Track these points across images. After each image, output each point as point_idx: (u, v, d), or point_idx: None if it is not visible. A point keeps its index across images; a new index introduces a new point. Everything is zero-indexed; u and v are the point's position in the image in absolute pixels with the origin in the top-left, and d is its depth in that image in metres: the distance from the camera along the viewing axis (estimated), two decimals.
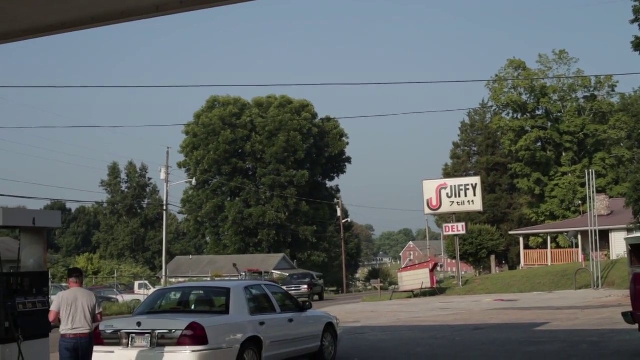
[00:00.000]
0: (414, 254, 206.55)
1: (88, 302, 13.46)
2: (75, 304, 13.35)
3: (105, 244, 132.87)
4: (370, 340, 23.74)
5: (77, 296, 13.47)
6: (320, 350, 17.65)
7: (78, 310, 13.35)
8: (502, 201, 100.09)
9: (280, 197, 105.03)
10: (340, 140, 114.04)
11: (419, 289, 53.74)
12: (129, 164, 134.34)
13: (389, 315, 35.73)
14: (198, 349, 13.71)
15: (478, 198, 57.79)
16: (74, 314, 13.33)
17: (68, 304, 13.31)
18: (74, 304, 13.35)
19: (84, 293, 13.83)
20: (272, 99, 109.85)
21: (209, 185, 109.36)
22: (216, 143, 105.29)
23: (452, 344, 21.60)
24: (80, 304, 13.37)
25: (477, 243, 68.26)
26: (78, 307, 13.37)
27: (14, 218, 16.20)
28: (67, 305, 13.30)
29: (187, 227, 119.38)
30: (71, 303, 13.32)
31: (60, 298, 13.42)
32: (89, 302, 13.47)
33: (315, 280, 66.02)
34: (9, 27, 15.17)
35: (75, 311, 13.33)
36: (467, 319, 30.58)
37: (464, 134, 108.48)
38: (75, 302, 13.36)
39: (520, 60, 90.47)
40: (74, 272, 14.03)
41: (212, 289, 17.47)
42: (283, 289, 19.73)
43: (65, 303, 13.33)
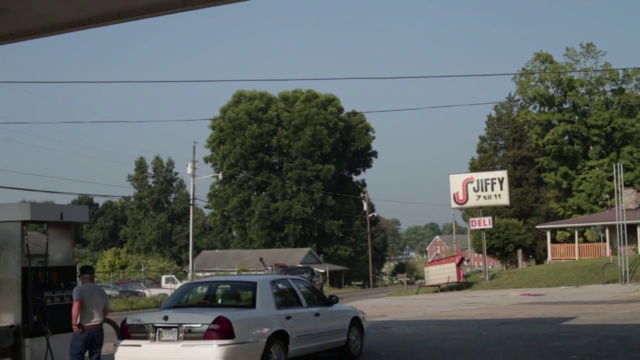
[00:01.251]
0: (441, 248, 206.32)
1: (100, 296, 14.82)
2: (91, 297, 14.41)
3: (132, 238, 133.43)
4: (396, 334, 23.71)
5: (93, 291, 14.70)
6: (347, 345, 17.63)
7: (93, 303, 14.50)
8: (529, 195, 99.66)
9: (306, 191, 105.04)
10: (366, 135, 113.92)
11: (446, 283, 53.64)
12: (155, 158, 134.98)
13: (415, 310, 35.68)
14: (224, 343, 13.72)
15: (505, 192, 57.56)
16: (90, 307, 14.42)
17: (86, 296, 14.29)
18: (90, 298, 14.39)
19: (97, 288, 15.18)
20: (298, 93, 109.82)
21: (235, 179, 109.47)
22: (242, 137, 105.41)
23: (479, 338, 21.53)
24: (95, 298, 14.57)
25: (504, 237, 68.06)
26: (93, 300, 14.51)
27: (42, 213, 16.34)
28: (85, 297, 14.28)
29: (214, 221, 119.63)
30: (88, 296, 14.34)
31: (81, 290, 14.37)
32: (101, 297, 14.84)
33: (315, 276, 65.01)
34: (38, 23, 15.26)
35: (91, 304, 14.46)
36: (494, 314, 30.48)
37: (490, 128, 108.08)
38: (91, 295, 14.45)
39: (547, 54, 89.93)
40: (87, 269, 15.11)
41: (238, 283, 17.50)
42: (309, 283, 19.73)
43: (85, 295, 14.29)
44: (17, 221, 15.38)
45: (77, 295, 14.35)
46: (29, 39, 16.69)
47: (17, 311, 15.10)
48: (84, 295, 14.37)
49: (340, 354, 17.73)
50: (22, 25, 15.55)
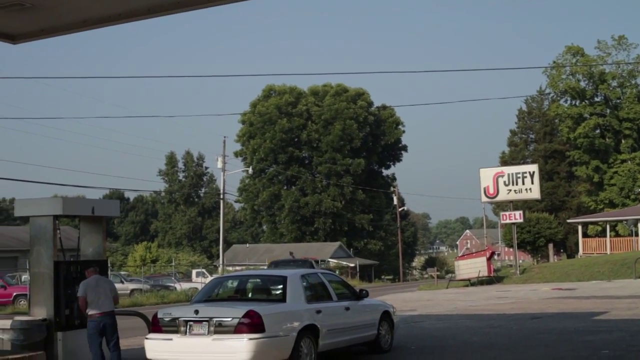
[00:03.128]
0: (471, 242, 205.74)
1: (108, 286, 15.30)
2: (97, 288, 14.93)
3: (163, 232, 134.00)
4: (426, 328, 23.69)
5: (98, 282, 15.12)
6: (377, 339, 17.64)
7: (100, 293, 14.97)
8: (560, 189, 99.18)
9: (336, 185, 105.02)
10: (396, 129, 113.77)
11: (476, 277, 53.49)
12: (186, 153, 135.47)
13: (445, 304, 35.60)
14: (255, 336, 13.77)
15: (536, 186, 57.26)
16: (98, 297, 14.91)
17: (92, 288, 14.77)
18: (97, 289, 14.85)
19: (103, 279, 15.59)
20: (328, 87, 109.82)
21: (265, 174, 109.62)
22: (272, 132, 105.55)
23: (509, 333, 21.46)
24: (102, 288, 15.04)
25: (535, 231, 67.73)
26: (100, 291, 14.99)
27: (74, 207, 16.45)
28: (91, 289, 14.77)
29: (244, 215, 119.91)
30: (94, 288, 14.80)
31: (85, 285, 14.85)
32: (109, 286, 15.34)
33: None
34: (68, 19, 15.34)
35: (99, 294, 14.94)
36: (525, 308, 30.36)
37: (521, 122, 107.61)
38: (97, 286, 14.89)
39: (578, 47, 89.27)
40: (91, 264, 15.69)
41: (269, 277, 17.52)
42: (340, 277, 19.73)
43: (90, 288, 14.77)
44: (49, 216, 15.50)
45: (81, 293, 14.92)
46: (59, 35, 16.78)
47: (50, 305, 15.23)
48: (88, 290, 14.86)
49: (371, 348, 17.73)
50: (52, 21, 15.63)
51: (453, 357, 16.88)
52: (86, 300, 14.84)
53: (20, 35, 16.48)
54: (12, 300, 46.91)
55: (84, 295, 14.82)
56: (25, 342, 14.70)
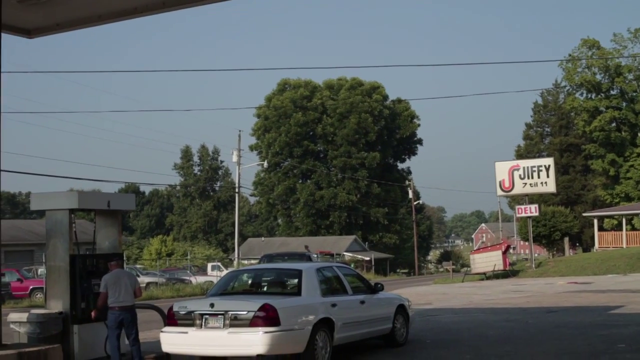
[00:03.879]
0: (486, 236, 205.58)
1: (129, 279, 15.37)
2: (119, 282, 15.12)
3: (179, 226, 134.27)
4: (442, 322, 23.68)
5: (120, 276, 15.27)
6: (392, 332, 17.63)
7: (122, 287, 15.12)
8: (576, 182, 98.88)
9: (351, 179, 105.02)
10: (411, 122, 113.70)
11: (491, 271, 53.43)
12: (201, 147, 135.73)
13: (461, 298, 35.59)
14: (270, 330, 13.79)
15: (551, 179, 57.10)
16: (119, 290, 15.04)
17: (113, 282, 14.92)
18: (118, 282, 15.11)
19: (125, 272, 15.78)
20: (343, 81, 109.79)
21: (281, 167, 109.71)
22: (287, 125, 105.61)
23: (525, 326, 21.43)
24: (123, 282, 15.16)
25: (551, 225, 67.52)
26: (121, 284, 15.13)
27: (90, 201, 16.51)
28: (112, 283, 14.93)
29: (259, 209, 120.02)
30: (115, 282, 14.94)
31: (106, 280, 15.01)
32: (130, 280, 15.40)
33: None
34: (84, 13, 15.38)
35: (119, 287, 15.07)
36: (540, 302, 30.32)
37: (536, 115, 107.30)
38: (118, 280, 15.13)
39: (594, 40, 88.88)
40: (114, 257, 15.88)
41: (284, 271, 17.51)
42: (355, 270, 19.73)
43: (111, 282, 14.92)
44: (65, 209, 15.55)
45: (102, 288, 15.10)
46: (75, 29, 16.85)
47: (66, 298, 15.28)
48: (109, 284, 15.03)
49: (386, 341, 17.74)
50: (68, 15, 15.69)
51: (468, 350, 16.86)
52: (107, 295, 15.00)
53: (36, 30, 16.55)
54: (29, 293, 47.14)
55: (105, 290, 15.00)
56: (41, 335, 14.76)
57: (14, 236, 64.77)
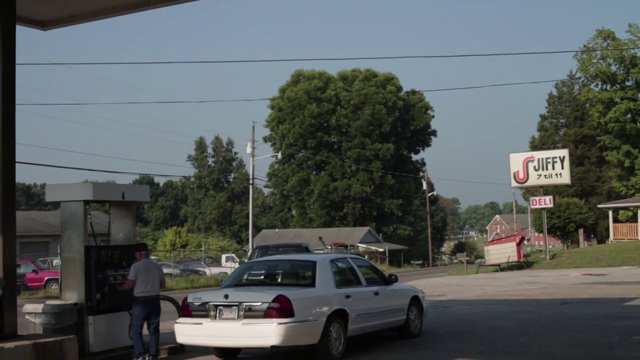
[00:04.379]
0: (501, 228, 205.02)
1: (157, 270, 15.82)
2: (149, 272, 15.46)
3: (193, 217, 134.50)
4: (456, 313, 23.67)
5: (149, 265, 15.68)
6: (406, 324, 17.63)
7: (150, 276, 15.45)
8: (591, 174, 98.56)
9: (365, 170, 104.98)
10: (425, 113, 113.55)
11: (506, 262, 53.36)
12: (215, 138, 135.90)
13: (475, 289, 35.57)
14: (284, 321, 13.83)
15: (566, 171, 56.96)
16: (147, 280, 15.37)
17: (143, 271, 15.21)
18: (148, 272, 15.45)
19: (153, 263, 16.35)
20: (357, 72, 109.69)
21: (295, 159, 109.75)
22: (301, 117, 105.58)
23: (539, 318, 21.40)
24: (152, 272, 15.55)
25: (565, 216, 67.39)
26: (150, 274, 15.48)
27: (104, 192, 16.57)
28: (143, 273, 15.21)
29: (273, 200, 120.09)
30: (144, 271, 15.36)
31: (137, 268, 15.24)
32: (158, 270, 15.85)
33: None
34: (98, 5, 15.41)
35: (148, 277, 15.42)
36: (555, 293, 30.27)
37: (551, 106, 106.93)
38: (148, 270, 15.48)
39: (609, 30, 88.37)
40: (142, 247, 16.21)
41: (298, 262, 17.54)
42: (369, 262, 19.73)
43: (141, 271, 15.20)
44: (79, 201, 15.60)
45: (132, 276, 15.32)
46: (89, 21, 16.88)
47: (81, 289, 15.35)
48: (139, 272, 15.28)
49: (400, 333, 17.75)
50: (82, 7, 15.71)
51: (482, 342, 16.86)
52: (134, 283, 15.26)
53: (50, 22, 16.58)
54: (44, 284, 47.32)
55: (135, 278, 15.25)
56: (56, 326, 14.82)
57: (29, 227, 65.06)
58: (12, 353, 13.01)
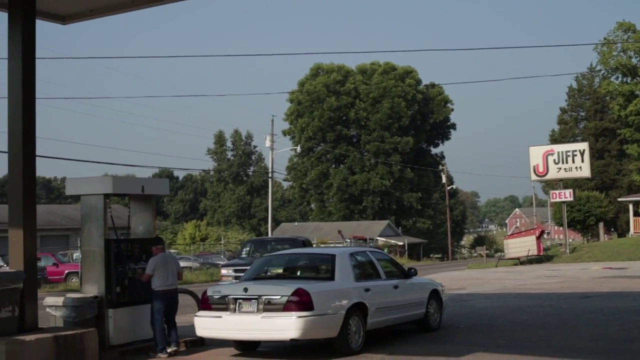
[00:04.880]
0: (520, 221, 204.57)
1: (175, 263, 15.95)
2: (166, 266, 15.59)
3: (212, 211, 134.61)
4: (475, 307, 23.63)
5: (167, 259, 15.84)
6: (425, 317, 17.60)
7: (168, 270, 15.61)
8: (611, 167, 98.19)
9: (384, 164, 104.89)
10: (444, 107, 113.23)
11: (525, 256, 53.26)
12: (234, 132, 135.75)
13: (494, 283, 35.50)
14: (304, 314, 13.84)
15: (586, 164, 56.77)
16: (166, 274, 15.52)
17: (161, 266, 15.36)
18: (166, 266, 15.59)
19: (171, 256, 16.52)
20: (376, 65, 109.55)
21: (314, 152, 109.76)
22: (320, 110, 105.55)
23: (559, 312, 21.34)
24: (170, 265, 15.69)
25: (585, 210, 67.13)
26: (168, 268, 15.62)
27: (124, 186, 16.61)
28: (161, 267, 15.32)
29: (292, 194, 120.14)
30: (163, 265, 15.52)
31: (155, 262, 15.35)
32: (175, 264, 15.97)
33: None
34: None
35: (167, 271, 15.56)
36: (575, 287, 30.17)
37: (571, 99, 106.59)
38: (166, 264, 15.61)
39: (629, 23, 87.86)
40: (159, 241, 16.18)
41: (317, 256, 17.56)
42: (388, 255, 19.71)
43: (159, 265, 15.31)
44: (99, 194, 15.63)
45: (150, 270, 15.45)
46: (108, 15, 16.93)
47: (101, 282, 15.39)
48: (158, 267, 15.41)
49: (419, 326, 17.72)
50: (102, 1, 15.75)
51: (502, 335, 16.82)
52: (150, 277, 15.40)
53: (70, 16, 16.62)
54: (64, 277, 47.55)
55: (152, 272, 15.38)
56: (77, 319, 14.87)
57: (49, 221, 65.35)
58: (33, 345, 13.09)
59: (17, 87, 14.64)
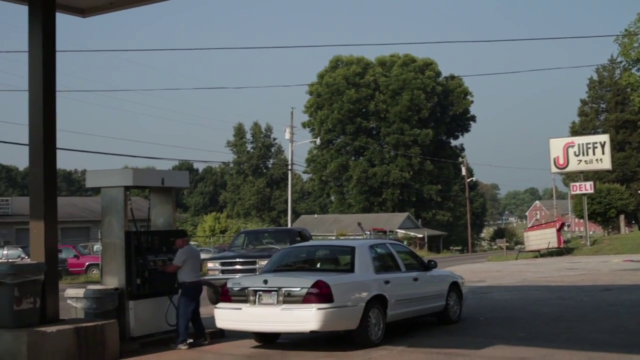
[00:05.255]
0: (540, 213, 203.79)
1: (198, 255, 16.27)
2: (194, 258, 15.89)
3: (232, 203, 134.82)
4: (495, 299, 23.58)
5: (194, 251, 16.16)
6: (445, 310, 17.58)
7: (197, 262, 15.98)
8: (632, 159, 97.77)
9: (404, 156, 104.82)
10: (464, 99, 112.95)
11: (546, 248, 53.13)
12: (254, 124, 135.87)
13: (514, 275, 35.41)
14: (324, 306, 13.84)
15: (607, 156, 56.56)
16: (195, 266, 15.84)
17: (191, 257, 15.74)
18: (194, 259, 15.86)
19: (194, 248, 16.83)
20: (396, 57, 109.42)
21: (333, 144, 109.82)
22: (340, 102, 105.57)
23: (580, 304, 21.26)
24: (197, 258, 16.05)
25: (606, 202, 66.91)
26: (196, 260, 15.96)
27: (144, 178, 16.65)
28: (190, 259, 15.53)
29: (312, 186, 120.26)
30: (192, 257, 15.77)
31: (186, 254, 15.52)
32: (199, 256, 16.34)
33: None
34: None
35: (195, 264, 15.87)
36: (595, 280, 30.06)
37: (592, 91, 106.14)
38: (194, 257, 15.91)
39: None
40: (184, 233, 16.71)
41: (337, 248, 17.57)
42: (408, 248, 19.68)
43: (189, 257, 15.52)
44: (120, 187, 15.67)
45: (179, 261, 15.59)
46: (128, 8, 16.95)
47: (121, 274, 15.43)
48: (188, 259, 15.62)
49: (439, 319, 17.69)
50: None
51: (522, 328, 16.78)
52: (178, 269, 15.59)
53: (90, 9, 16.66)
54: (85, 269, 47.79)
55: (182, 264, 15.54)
56: (97, 311, 14.93)
57: (70, 213, 65.66)
58: (55, 337, 13.16)
59: (38, 80, 14.70)
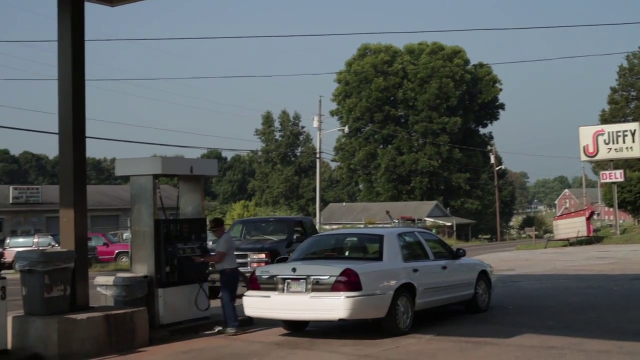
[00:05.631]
0: (570, 202, 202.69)
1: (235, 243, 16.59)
2: (233, 246, 16.55)
3: (260, 191, 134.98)
4: (524, 288, 23.50)
5: (231, 239, 16.81)
6: (474, 298, 17.55)
7: (233, 250, 16.56)
8: None
9: (432, 144, 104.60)
10: (493, 87, 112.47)
11: (575, 237, 52.85)
12: (282, 112, 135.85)
13: (543, 264, 35.26)
14: (352, 294, 13.86)
15: (637, 144, 56.15)
16: (233, 253, 16.38)
17: (232, 246, 16.34)
18: (233, 246, 16.53)
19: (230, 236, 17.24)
20: (424, 45, 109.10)
21: (362, 132, 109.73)
22: (368, 91, 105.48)
23: (609, 293, 21.15)
24: (234, 245, 16.49)
25: (636, 191, 66.23)
26: (234, 248, 16.63)
27: (173, 166, 16.73)
28: (231, 247, 16.07)
29: (340, 174, 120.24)
30: (232, 245, 16.43)
31: (229, 242, 16.06)
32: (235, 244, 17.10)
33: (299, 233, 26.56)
34: None
35: (234, 251, 16.52)
36: (625, 269, 29.87)
37: (622, 79, 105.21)
38: (233, 244, 16.60)
39: None
40: (221, 222, 16.95)
41: (365, 236, 17.59)
42: (436, 236, 19.64)
43: (231, 245, 16.09)
44: (149, 175, 15.75)
45: (226, 248, 16.02)
46: None
47: (151, 262, 15.51)
48: (231, 246, 16.21)
49: (468, 307, 17.66)
50: None
51: (552, 317, 16.71)
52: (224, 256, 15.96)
53: None
54: (114, 257, 48.08)
55: (225, 250, 15.93)
56: (127, 298, 15.03)
57: (99, 201, 66.07)
58: (85, 324, 13.27)
59: (67, 69, 14.79)
